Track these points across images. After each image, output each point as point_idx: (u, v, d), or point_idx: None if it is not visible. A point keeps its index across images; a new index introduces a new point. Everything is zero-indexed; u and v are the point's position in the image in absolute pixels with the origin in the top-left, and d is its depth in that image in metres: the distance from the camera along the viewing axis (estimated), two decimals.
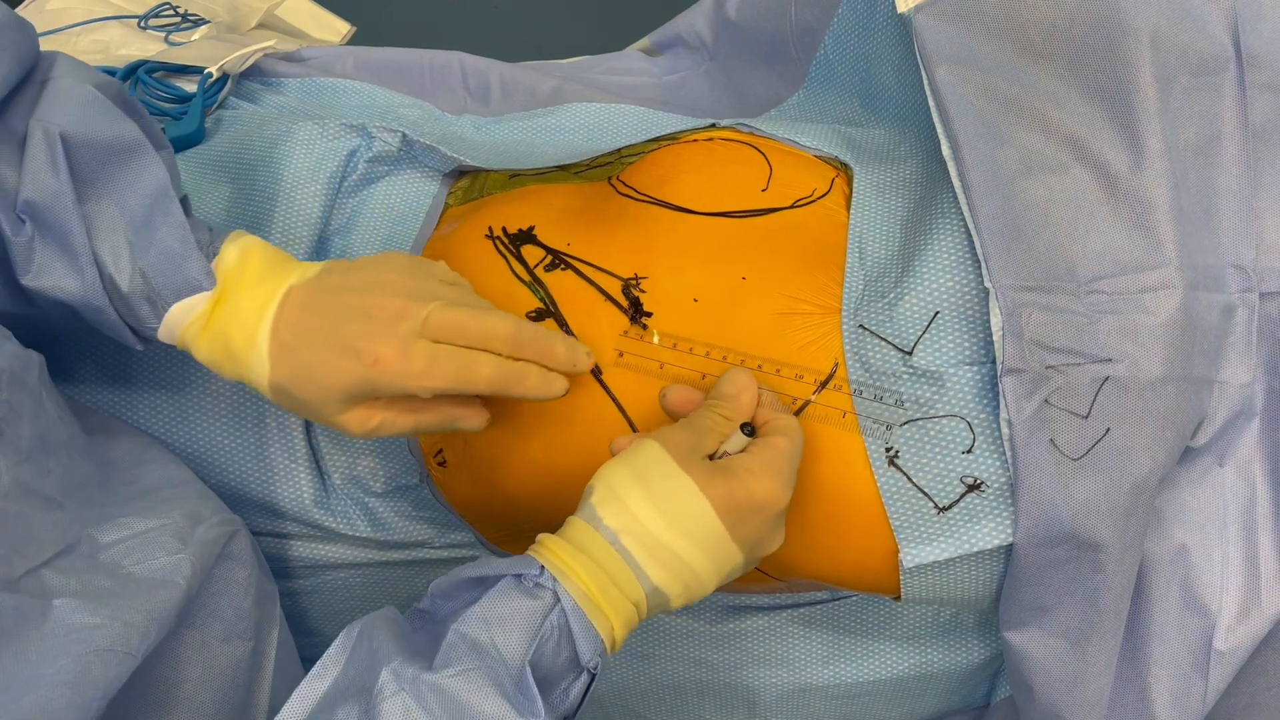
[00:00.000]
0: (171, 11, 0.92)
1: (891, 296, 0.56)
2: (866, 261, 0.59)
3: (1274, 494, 0.56)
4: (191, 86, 0.74)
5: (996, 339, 0.52)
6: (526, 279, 0.59)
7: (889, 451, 0.54)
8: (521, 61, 0.85)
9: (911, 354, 0.55)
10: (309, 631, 0.67)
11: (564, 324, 0.57)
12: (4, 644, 0.38)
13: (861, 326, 0.56)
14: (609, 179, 0.65)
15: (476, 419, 0.53)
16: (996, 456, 0.53)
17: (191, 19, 0.91)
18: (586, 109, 0.75)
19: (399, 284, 0.50)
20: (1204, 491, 0.56)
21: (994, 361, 0.53)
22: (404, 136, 0.67)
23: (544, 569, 0.46)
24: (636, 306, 0.57)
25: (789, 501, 0.50)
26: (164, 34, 0.89)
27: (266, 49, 0.77)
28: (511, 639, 0.44)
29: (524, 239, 0.60)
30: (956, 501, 0.54)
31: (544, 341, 0.51)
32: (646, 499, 0.47)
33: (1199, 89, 0.56)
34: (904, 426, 0.55)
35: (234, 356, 0.50)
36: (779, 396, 0.55)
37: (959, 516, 0.54)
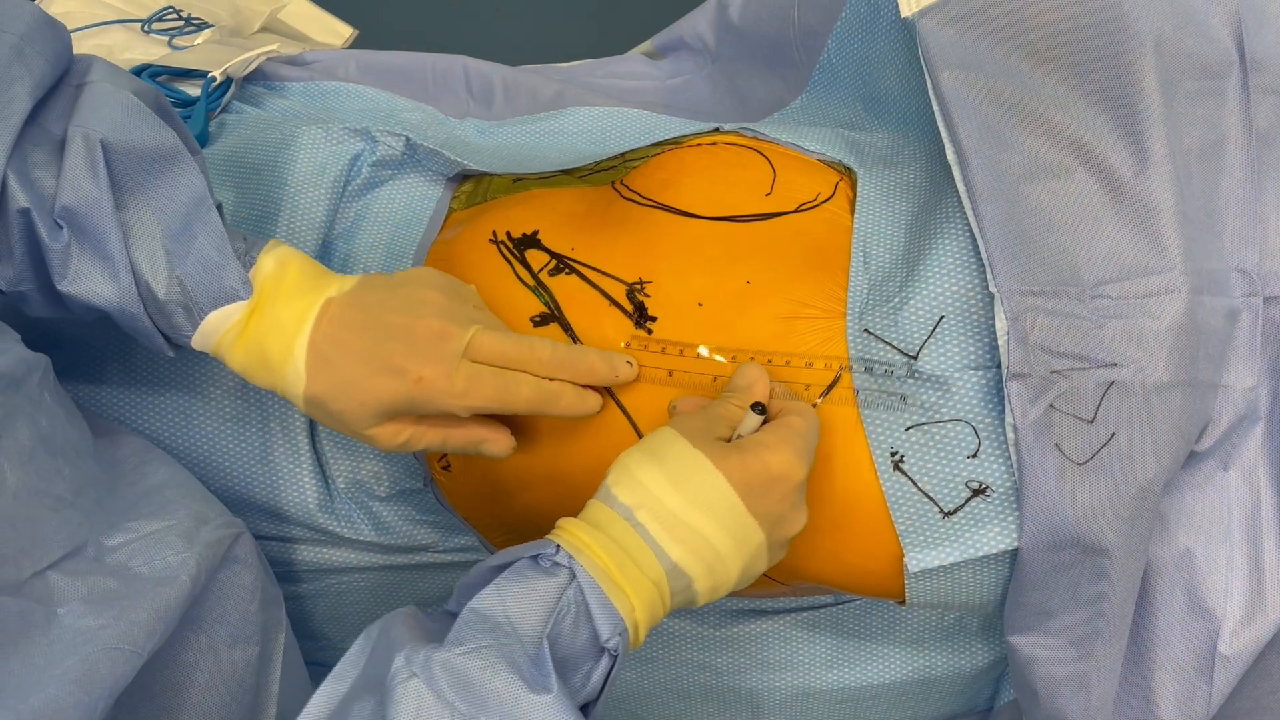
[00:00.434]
0: (175, 15, 0.92)
1: (896, 301, 0.56)
2: (871, 266, 0.59)
3: (1278, 498, 0.56)
4: (195, 90, 0.74)
5: (1002, 344, 0.52)
6: (531, 283, 0.59)
7: (894, 456, 0.54)
8: (524, 65, 0.85)
9: (916, 358, 0.55)
10: (314, 635, 0.67)
11: (568, 328, 0.57)
12: (11, 648, 0.38)
13: (866, 331, 0.56)
14: (613, 183, 0.65)
15: (502, 445, 0.54)
16: (1002, 461, 0.53)
17: (195, 23, 0.91)
18: (590, 113, 0.75)
19: (439, 304, 0.51)
20: (1208, 496, 0.56)
21: (999, 366, 0.53)
22: (407, 140, 0.67)
23: (559, 548, 0.46)
24: (641, 311, 0.57)
25: (806, 477, 0.49)
26: (167, 38, 0.89)
27: (269, 53, 0.77)
28: (527, 615, 0.44)
29: (528, 243, 0.60)
30: (961, 506, 0.54)
31: (582, 360, 0.52)
32: (661, 475, 0.47)
33: (1203, 93, 0.57)
34: (909, 431, 0.55)
35: (269, 366, 0.50)
36: (791, 387, 0.55)
37: (964, 521, 0.54)
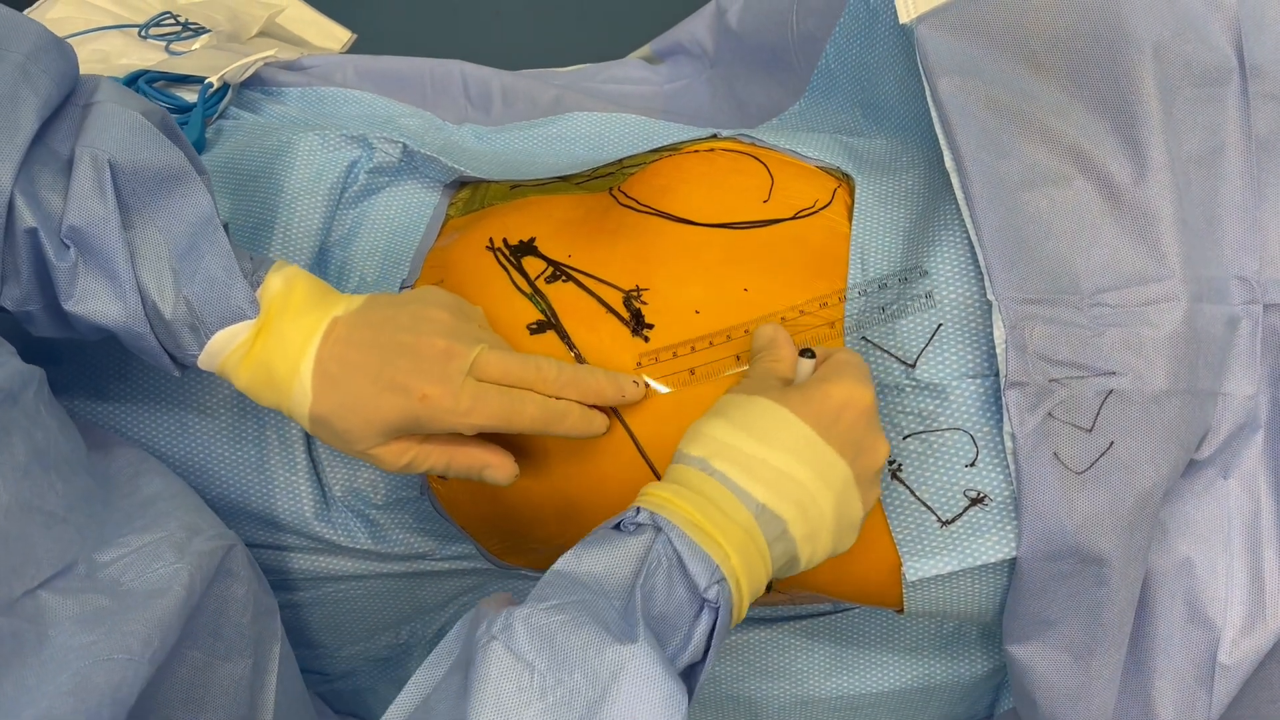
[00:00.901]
0: (172, 21, 0.92)
1: (894, 309, 0.56)
2: (869, 273, 0.58)
3: (1278, 506, 0.56)
4: (192, 96, 0.74)
5: (1000, 352, 0.52)
6: (527, 290, 0.59)
7: (892, 464, 0.54)
8: (522, 70, 0.85)
9: (914, 367, 0.55)
10: (310, 644, 0.67)
11: (565, 336, 0.57)
12: (4, 669, 0.37)
13: (864, 339, 0.56)
14: (610, 190, 0.64)
15: (506, 472, 0.53)
16: (1000, 470, 0.53)
17: (192, 28, 0.91)
18: (588, 118, 0.75)
19: (445, 323, 0.51)
20: (1208, 504, 0.56)
21: (997, 374, 0.53)
22: (404, 147, 0.66)
23: (640, 509, 0.45)
24: (638, 318, 0.57)
25: (875, 403, 0.48)
26: (164, 43, 0.89)
27: (267, 58, 0.77)
28: (613, 571, 0.43)
29: (525, 250, 0.60)
30: (960, 515, 0.53)
31: (587, 379, 0.52)
32: (729, 425, 0.47)
33: (1202, 100, 0.56)
34: (907, 439, 0.54)
35: (275, 385, 0.50)
36: (813, 333, 0.55)
37: (962, 530, 0.53)
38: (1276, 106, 0.57)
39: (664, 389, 0.56)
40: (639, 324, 0.57)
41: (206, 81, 0.73)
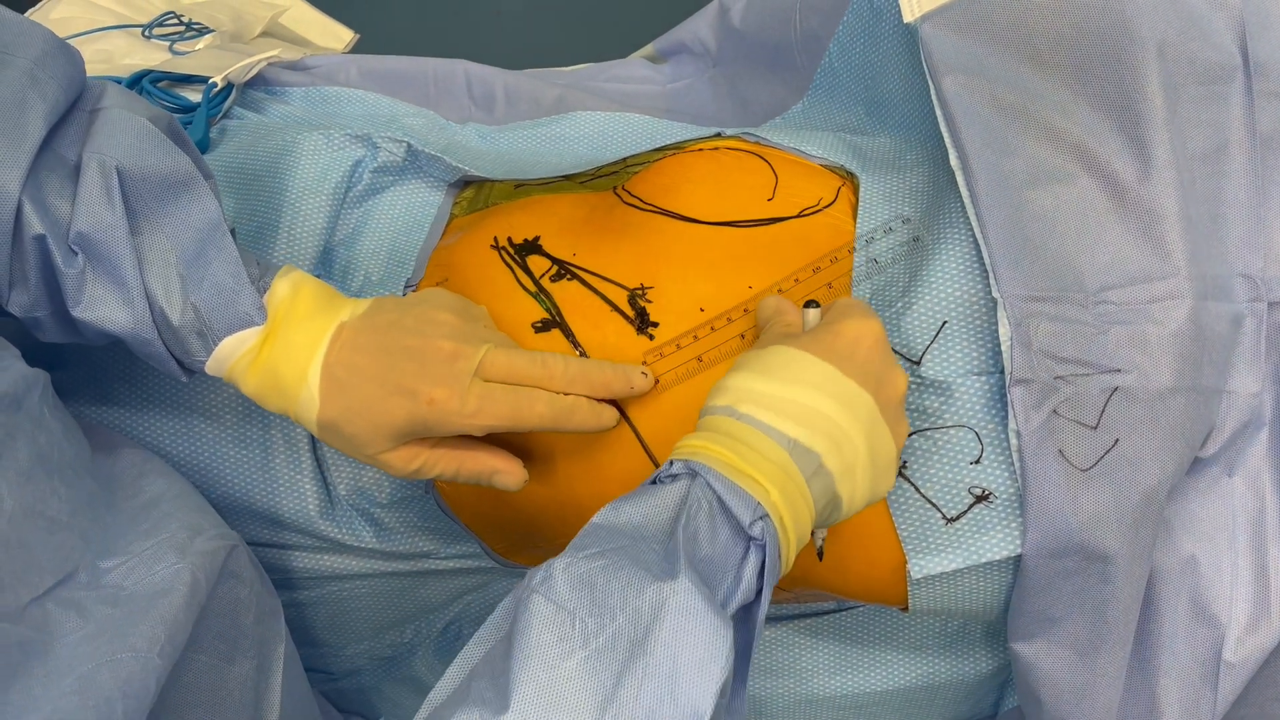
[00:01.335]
0: (176, 21, 0.92)
1: (899, 305, 0.56)
2: (873, 271, 0.58)
3: None
4: (196, 96, 0.74)
5: (1005, 349, 0.52)
6: (532, 289, 0.59)
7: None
8: (525, 69, 0.85)
9: (919, 364, 0.55)
10: (314, 642, 0.67)
11: (570, 334, 0.57)
12: (11, 678, 0.37)
13: None
14: (614, 188, 0.64)
15: (515, 478, 0.53)
16: (1005, 467, 0.53)
17: (196, 28, 0.91)
18: (591, 118, 0.75)
19: (451, 325, 0.51)
20: (1213, 502, 0.56)
21: (1002, 372, 0.53)
22: (409, 147, 0.66)
23: (674, 461, 0.45)
24: (643, 316, 0.57)
25: (885, 336, 0.49)
26: (168, 43, 0.89)
27: (271, 58, 0.77)
28: (652, 518, 0.42)
29: (529, 249, 0.60)
30: (965, 512, 0.53)
31: (595, 374, 0.52)
32: (748, 373, 0.47)
33: (1206, 98, 0.56)
34: (911, 437, 0.54)
35: (283, 391, 0.50)
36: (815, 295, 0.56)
37: (967, 527, 0.53)
38: None
39: (673, 384, 0.56)
40: (644, 322, 0.57)
41: (211, 81, 0.73)
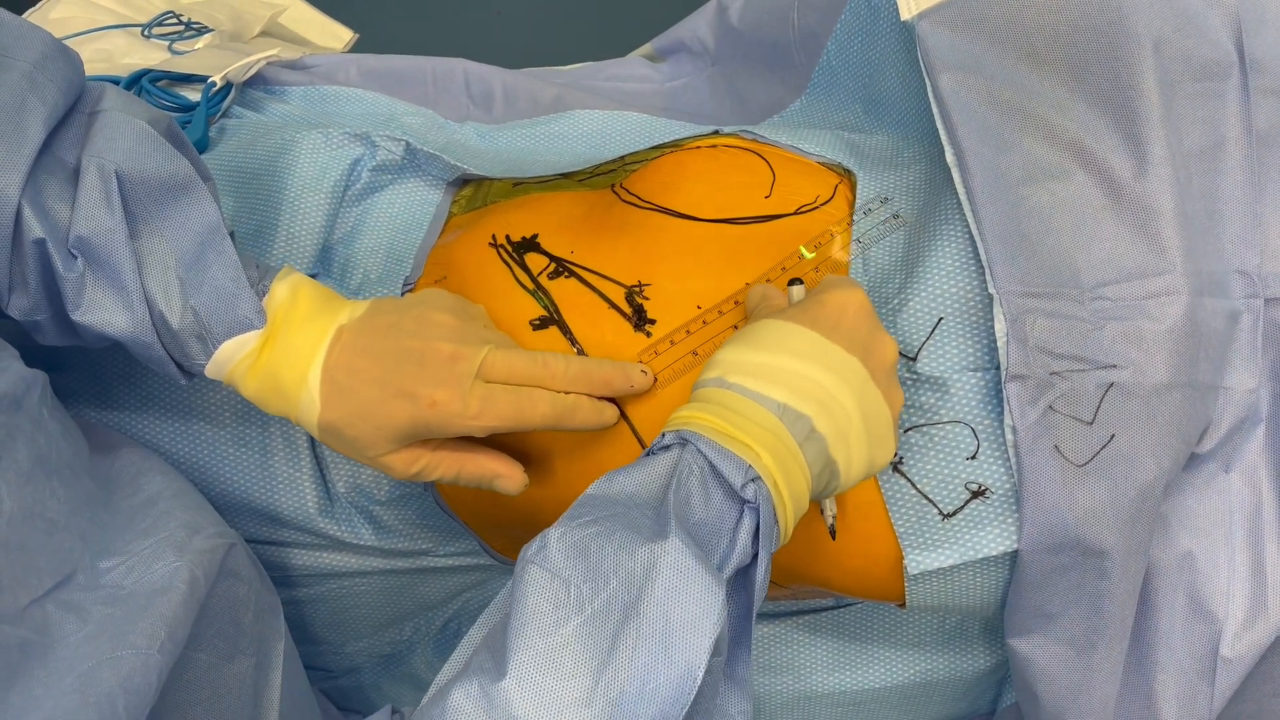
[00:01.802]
0: (175, 20, 0.92)
1: (895, 302, 0.56)
2: (870, 267, 0.59)
3: None
4: (195, 95, 0.74)
5: (1000, 345, 0.52)
6: (530, 287, 0.59)
7: (893, 457, 0.54)
8: (524, 68, 0.85)
9: (915, 360, 0.55)
10: (313, 640, 0.67)
11: (568, 332, 0.57)
12: (12, 680, 0.37)
13: None
14: (612, 186, 0.65)
15: (515, 482, 0.53)
16: (1001, 463, 0.53)
17: (195, 28, 0.91)
18: (589, 116, 0.75)
19: (450, 326, 0.51)
20: (1210, 498, 0.56)
21: (998, 368, 0.53)
22: (407, 145, 0.67)
23: (665, 433, 0.46)
24: (640, 313, 0.57)
25: (869, 304, 0.49)
26: (167, 42, 0.89)
27: (270, 57, 0.77)
28: (644, 486, 0.43)
29: (527, 247, 0.60)
30: (961, 508, 0.54)
31: (596, 371, 0.52)
32: (737, 347, 0.47)
33: (1202, 94, 0.56)
34: (908, 433, 0.55)
35: (283, 394, 0.50)
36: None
37: (963, 523, 0.53)
38: (1277, 101, 0.57)
39: (670, 381, 0.56)
40: (641, 319, 0.57)
41: (210, 80, 0.73)
